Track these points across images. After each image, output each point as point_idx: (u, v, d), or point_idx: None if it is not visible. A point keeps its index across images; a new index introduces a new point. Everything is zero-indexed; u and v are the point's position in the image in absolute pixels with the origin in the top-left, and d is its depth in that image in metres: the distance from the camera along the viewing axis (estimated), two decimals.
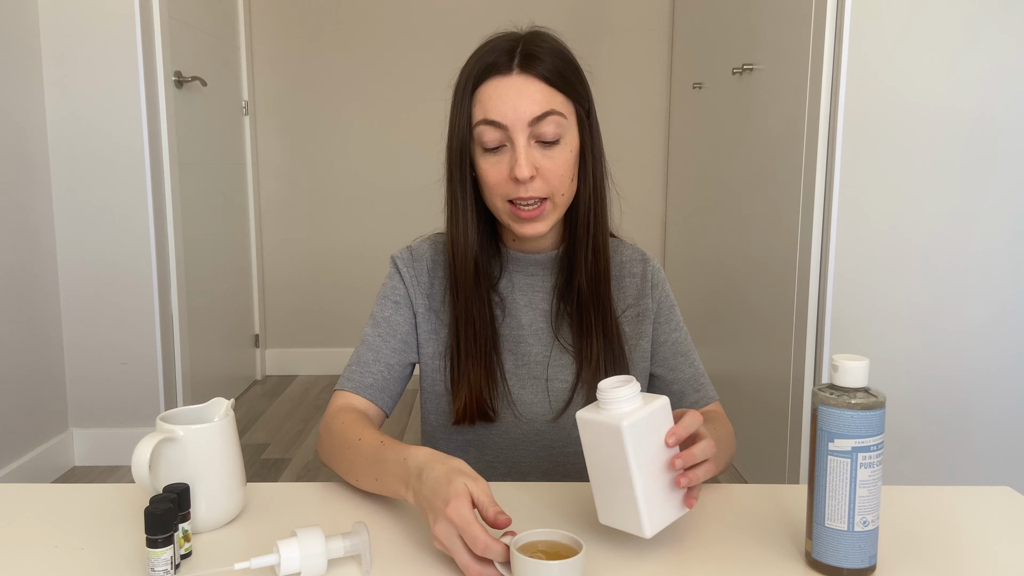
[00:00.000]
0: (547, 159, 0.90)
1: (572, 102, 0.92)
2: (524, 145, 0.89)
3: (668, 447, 0.73)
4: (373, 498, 0.88)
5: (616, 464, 0.70)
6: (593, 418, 0.71)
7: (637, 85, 3.40)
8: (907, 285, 1.92)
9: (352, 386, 0.98)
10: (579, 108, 0.93)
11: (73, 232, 2.40)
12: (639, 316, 1.03)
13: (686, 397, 1.04)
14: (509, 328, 1.01)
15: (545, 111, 0.89)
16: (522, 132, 0.89)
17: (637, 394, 0.71)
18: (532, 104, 0.89)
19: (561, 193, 0.92)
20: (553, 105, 0.89)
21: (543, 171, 0.90)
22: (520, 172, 0.88)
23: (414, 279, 1.02)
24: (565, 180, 0.92)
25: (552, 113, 0.89)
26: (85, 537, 0.79)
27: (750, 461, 2.36)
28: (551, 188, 0.91)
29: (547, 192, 0.91)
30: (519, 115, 0.89)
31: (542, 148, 0.90)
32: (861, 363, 0.70)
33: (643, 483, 0.70)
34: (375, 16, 3.39)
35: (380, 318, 1.01)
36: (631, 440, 0.69)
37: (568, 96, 0.92)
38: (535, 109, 0.89)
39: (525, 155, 0.89)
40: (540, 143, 0.90)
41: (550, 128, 0.89)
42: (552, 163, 0.90)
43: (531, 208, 0.91)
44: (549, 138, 0.90)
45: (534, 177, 0.90)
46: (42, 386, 2.36)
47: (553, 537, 0.68)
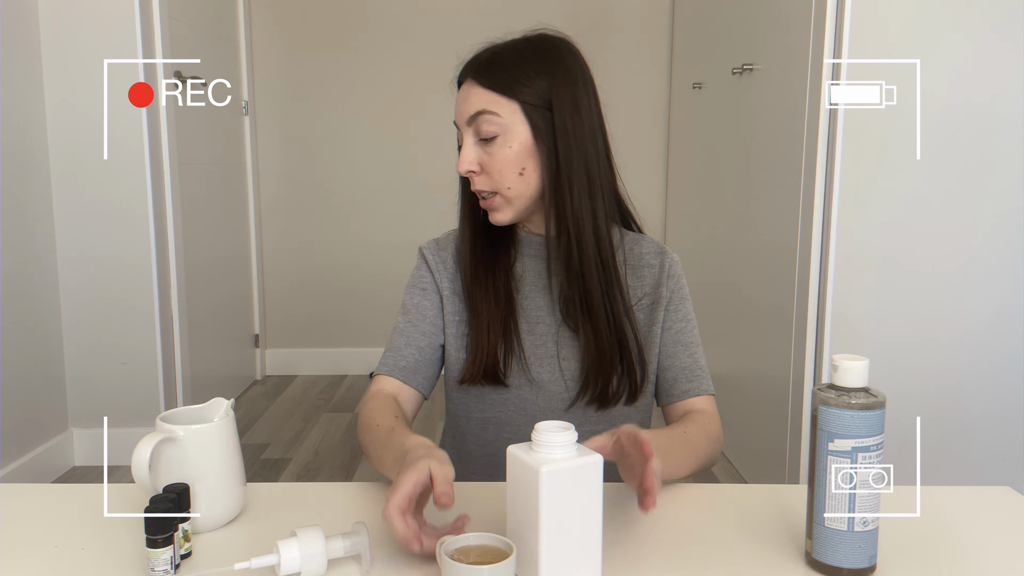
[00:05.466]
0: (488, 155, 0.99)
1: (514, 101, 0.97)
2: (467, 144, 0.99)
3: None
4: (373, 498, 0.88)
5: (529, 508, 0.68)
6: (520, 456, 0.70)
7: (637, 85, 3.40)
8: (907, 285, 1.92)
9: (386, 370, 1.05)
10: (526, 106, 0.97)
11: (73, 232, 2.40)
12: (653, 304, 1.06)
13: (678, 385, 1.05)
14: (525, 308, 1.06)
15: (477, 111, 0.98)
16: (467, 132, 1.00)
17: (572, 443, 0.69)
18: (469, 106, 0.99)
19: (507, 187, 0.99)
20: (486, 106, 0.97)
21: (485, 166, 0.99)
22: (458, 167, 0.99)
23: (440, 264, 1.08)
24: (506, 174, 0.98)
25: (484, 113, 0.97)
26: (85, 537, 0.79)
27: (750, 461, 2.36)
28: (495, 183, 0.99)
29: (492, 186, 1.00)
30: (462, 117, 1.00)
31: (484, 145, 0.99)
32: (861, 363, 0.70)
33: (549, 533, 0.68)
34: (375, 16, 3.39)
35: (410, 305, 1.08)
36: (547, 487, 0.67)
37: (508, 96, 0.97)
38: (470, 110, 0.98)
39: (465, 152, 0.99)
40: (483, 140, 0.98)
41: (484, 127, 0.98)
42: (491, 159, 0.98)
43: (486, 199, 1.01)
44: (486, 136, 0.98)
45: (478, 172, 0.99)
46: (42, 386, 2.36)
47: (485, 540, 0.68)
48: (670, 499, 0.89)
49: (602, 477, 0.71)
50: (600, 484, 0.70)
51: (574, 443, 0.70)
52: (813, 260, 1.92)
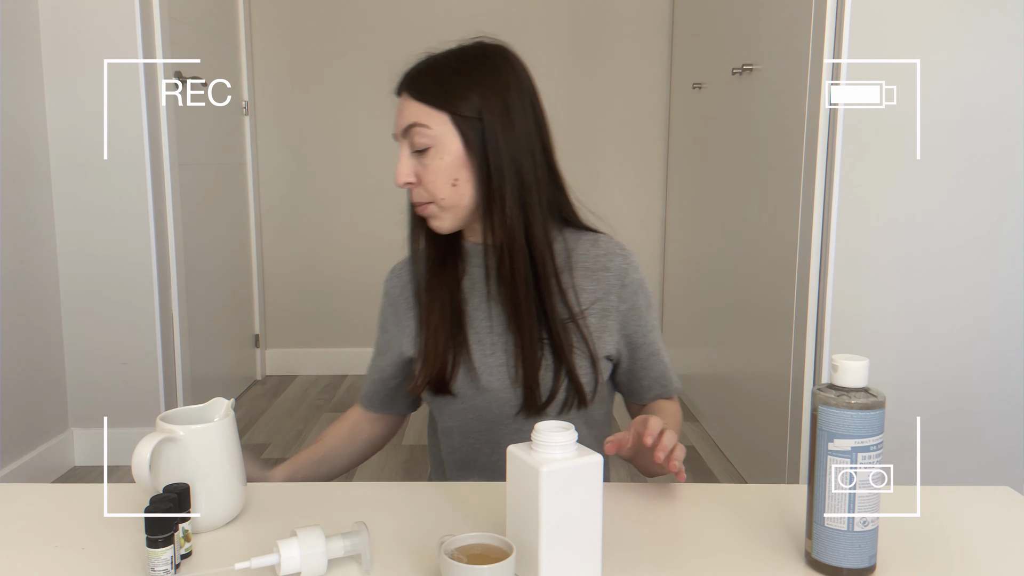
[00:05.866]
0: (422, 167, 0.99)
1: (444, 113, 0.98)
2: (403, 156, 1.00)
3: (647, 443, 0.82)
4: (373, 498, 0.88)
5: (529, 508, 0.69)
6: (520, 456, 0.70)
7: (637, 85, 3.39)
8: (907, 285, 1.92)
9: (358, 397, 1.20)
10: (456, 118, 0.98)
11: (74, 232, 2.40)
12: (605, 312, 1.05)
13: (651, 391, 1.11)
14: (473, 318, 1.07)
15: (408, 124, 0.99)
16: (403, 144, 1.00)
17: (572, 443, 0.70)
18: (402, 119, 1.00)
19: (441, 196, 0.99)
20: (417, 118, 0.98)
21: (420, 177, 1.00)
22: (396, 179, 1.00)
23: (397, 288, 1.12)
24: (440, 185, 0.99)
25: (416, 125, 0.98)
26: (85, 537, 0.79)
27: (750, 461, 2.36)
28: (429, 192, 1.00)
29: (427, 196, 1.00)
30: (397, 130, 1.01)
31: (419, 157, 0.99)
32: (861, 363, 0.70)
33: (549, 533, 0.68)
34: (375, 16, 3.39)
35: (378, 338, 1.16)
36: (547, 487, 0.67)
37: (438, 108, 0.98)
38: (403, 123, 1.00)
39: (400, 164, 1.00)
40: (417, 152, 0.99)
41: (417, 139, 0.98)
42: (425, 170, 0.99)
43: (424, 207, 1.02)
44: (419, 148, 0.99)
45: (415, 183, 1.00)
46: (42, 386, 2.36)
47: (485, 540, 0.68)
48: (670, 499, 0.89)
49: (602, 477, 0.71)
50: (600, 484, 0.70)
51: (574, 443, 0.70)
52: (813, 260, 1.92)
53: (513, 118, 0.99)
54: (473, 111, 0.97)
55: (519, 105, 1.00)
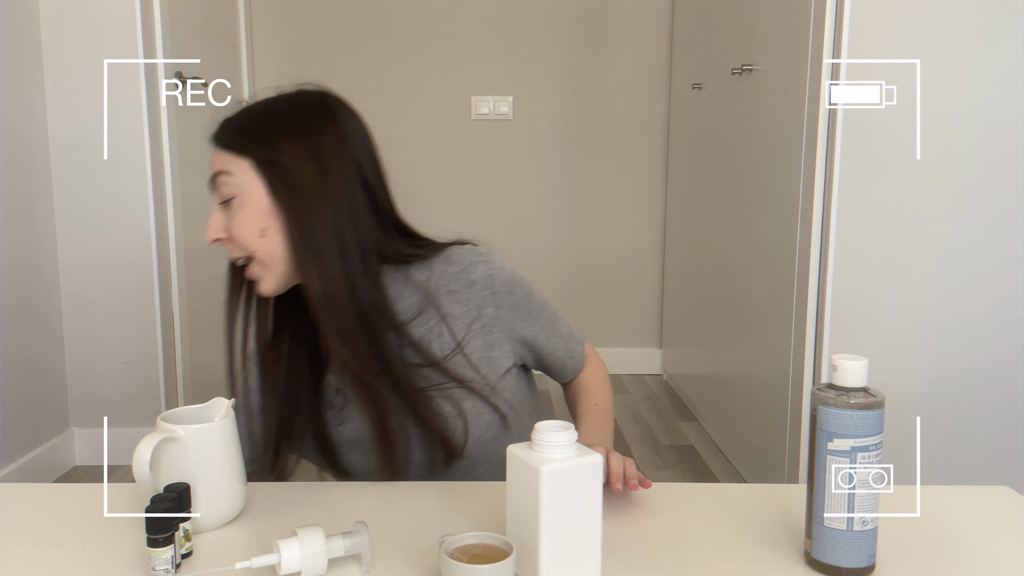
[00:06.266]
0: (229, 219, 0.92)
1: (245, 158, 0.91)
2: (214, 210, 0.93)
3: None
4: (374, 497, 0.88)
5: (529, 508, 0.68)
6: (520, 456, 0.70)
7: (637, 85, 3.39)
8: (907, 285, 1.92)
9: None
10: (258, 163, 0.91)
11: (74, 232, 2.40)
12: (486, 326, 0.98)
13: (566, 370, 1.10)
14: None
15: (213, 173, 0.92)
16: (214, 197, 0.93)
17: (572, 443, 0.70)
18: (211, 170, 0.93)
19: (253, 249, 0.92)
20: (221, 166, 0.92)
21: (230, 231, 0.92)
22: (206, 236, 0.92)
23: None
24: (247, 236, 0.91)
25: (219, 174, 0.92)
26: (85, 537, 0.79)
27: (750, 461, 2.36)
28: (241, 247, 0.92)
29: (240, 251, 0.93)
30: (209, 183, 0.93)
31: (226, 209, 0.92)
32: (861, 363, 0.70)
33: (549, 533, 0.68)
34: (375, 16, 3.39)
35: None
36: (547, 487, 0.67)
37: (239, 154, 0.91)
38: (210, 173, 0.93)
39: (211, 219, 0.93)
40: (223, 204, 0.92)
41: (221, 188, 0.92)
42: (233, 222, 0.92)
43: (246, 268, 0.94)
44: (224, 198, 0.92)
45: (224, 238, 0.93)
46: (43, 386, 2.36)
47: (485, 540, 0.68)
48: (670, 499, 0.89)
49: (602, 477, 0.71)
50: (600, 484, 0.71)
51: (574, 443, 0.70)
52: (813, 260, 1.92)
53: (326, 163, 0.91)
54: (276, 154, 0.91)
55: (333, 149, 0.92)
